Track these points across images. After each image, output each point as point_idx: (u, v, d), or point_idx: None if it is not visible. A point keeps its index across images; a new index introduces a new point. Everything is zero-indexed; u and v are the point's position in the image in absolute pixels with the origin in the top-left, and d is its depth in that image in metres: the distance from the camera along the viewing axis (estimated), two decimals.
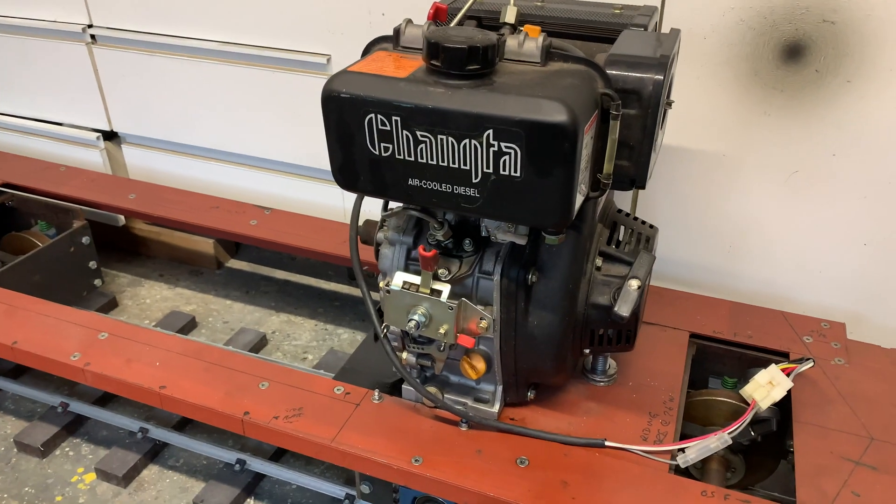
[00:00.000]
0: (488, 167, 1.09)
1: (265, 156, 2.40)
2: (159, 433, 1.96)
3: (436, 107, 1.07)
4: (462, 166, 1.11)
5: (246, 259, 2.82)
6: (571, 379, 1.54)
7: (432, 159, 1.12)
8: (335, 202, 2.39)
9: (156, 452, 1.99)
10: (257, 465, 1.86)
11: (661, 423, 1.47)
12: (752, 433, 1.46)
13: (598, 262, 1.36)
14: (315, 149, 2.31)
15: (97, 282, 2.43)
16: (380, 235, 1.45)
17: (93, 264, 2.39)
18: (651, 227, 1.46)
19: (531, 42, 1.15)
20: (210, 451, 1.93)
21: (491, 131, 1.06)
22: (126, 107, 2.55)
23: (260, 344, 2.35)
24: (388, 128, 1.12)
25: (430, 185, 1.15)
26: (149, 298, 2.61)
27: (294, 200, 2.43)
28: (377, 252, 1.55)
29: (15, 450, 2.01)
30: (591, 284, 1.35)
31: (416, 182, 1.16)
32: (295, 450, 1.49)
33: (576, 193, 1.10)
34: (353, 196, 1.38)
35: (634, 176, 1.24)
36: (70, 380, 1.96)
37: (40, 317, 1.76)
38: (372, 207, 1.60)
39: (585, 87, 1.10)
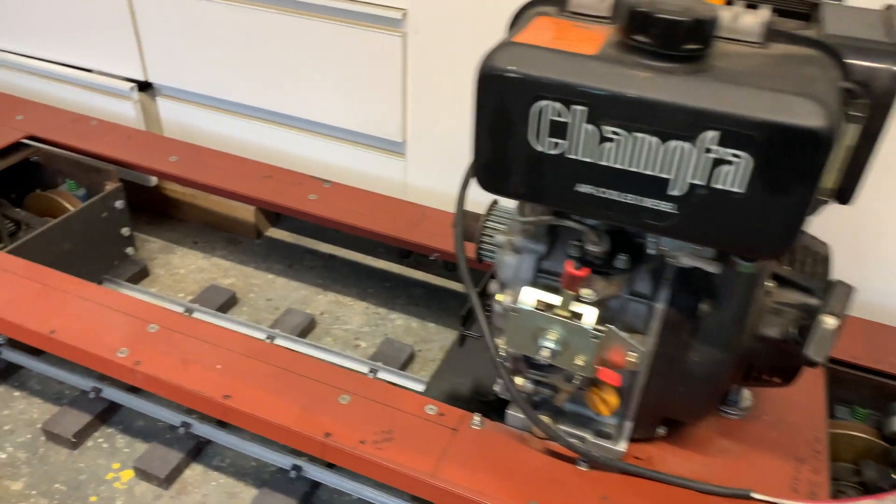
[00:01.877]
0: (699, 177, 0.81)
1: (321, 120, 2.09)
2: (204, 429, 1.70)
3: (640, 96, 0.79)
4: (660, 174, 0.83)
5: (287, 228, 2.53)
6: None
7: (620, 162, 0.84)
8: (396, 175, 2.09)
9: (199, 450, 1.73)
10: (315, 472, 1.61)
11: (810, 471, 1.22)
12: None
13: (769, 285, 1.09)
14: (377, 115, 2.00)
15: (129, 250, 2.14)
16: (499, 238, 1.17)
17: (125, 231, 2.09)
18: (822, 242, 1.19)
19: (749, 17, 0.86)
20: (260, 453, 1.67)
21: (713, 133, 0.78)
22: (164, 55, 2.22)
23: (308, 327, 2.08)
24: (566, 119, 0.84)
25: (607, 193, 0.87)
26: (182, 268, 2.33)
27: (351, 172, 2.14)
28: (481, 253, 1.28)
29: (43, 438, 1.75)
30: (760, 313, 1.08)
31: (588, 189, 0.88)
32: (387, 482, 1.23)
33: (806, 215, 0.83)
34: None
35: (842, 189, 0.97)
36: None
37: (79, 300, 1.48)
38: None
39: (828, 79, 0.82)
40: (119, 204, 2.02)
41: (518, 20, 0.98)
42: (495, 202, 1.33)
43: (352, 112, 2.03)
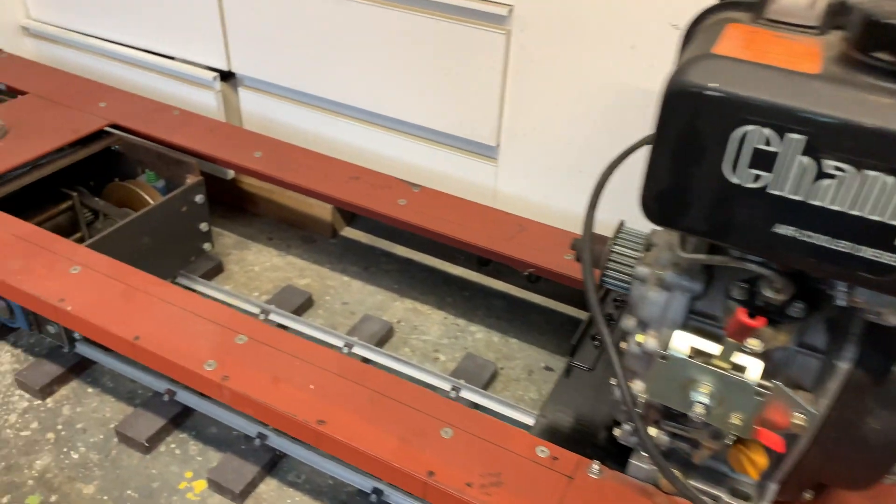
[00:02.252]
0: None
1: (410, 119, 1.97)
2: (280, 442, 1.60)
3: (880, 127, 0.64)
4: (890, 220, 0.68)
5: (362, 228, 2.42)
6: None
7: (839, 203, 0.69)
8: (486, 180, 1.96)
9: (274, 463, 1.63)
10: (398, 498, 1.50)
11: None
12: None
13: None
14: (470, 117, 1.87)
15: (206, 245, 2.05)
16: (642, 270, 1.03)
17: (204, 226, 2.00)
18: None
19: None
20: (339, 472, 1.56)
21: None
22: (249, 45, 2.13)
23: (386, 336, 1.97)
24: (776, 148, 0.69)
25: (814, 238, 0.72)
26: (257, 265, 2.24)
27: (438, 175, 2.01)
28: (606, 281, 1.14)
29: (115, 440, 1.67)
30: None
31: (789, 231, 0.73)
32: None
33: None
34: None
35: None
36: None
37: (164, 305, 1.39)
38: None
39: None
40: (199, 198, 1.93)
41: (698, 28, 0.84)
42: (623, 224, 1.19)
43: (443, 112, 1.90)
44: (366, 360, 1.85)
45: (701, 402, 0.91)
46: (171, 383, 1.68)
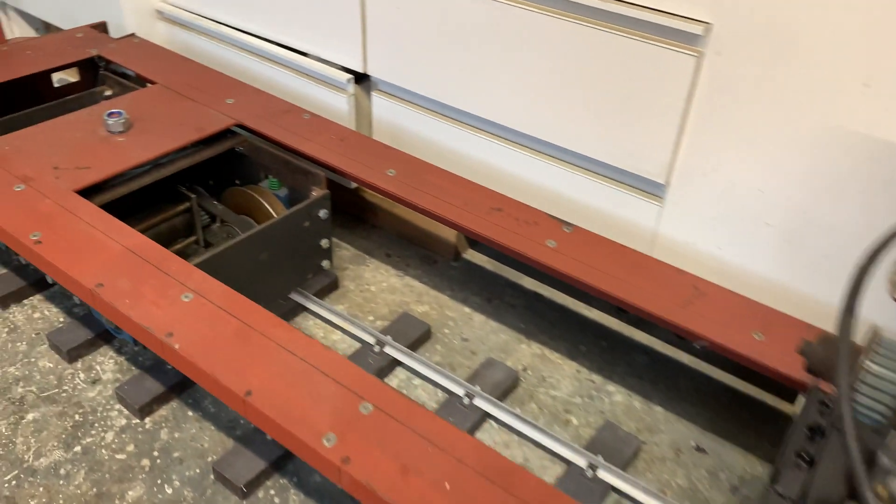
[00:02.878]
0: None
1: (565, 145, 1.70)
2: None
3: None
4: None
5: (487, 253, 2.17)
6: None
7: None
8: (646, 221, 1.67)
9: None
10: None
11: None
12: None
13: None
14: (638, 147, 1.58)
15: (325, 263, 1.86)
16: None
17: (325, 243, 1.81)
18: None
19: None
20: None
21: None
22: (389, 47, 1.91)
23: (511, 386, 1.72)
24: None
25: None
26: (373, 285, 2.03)
27: (589, 210, 1.73)
28: (858, 406, 0.83)
29: (212, 478, 1.50)
30: None
31: None
32: None
33: None
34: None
35: None
36: None
37: (282, 353, 1.18)
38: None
39: None
40: (323, 213, 1.73)
41: None
42: (879, 334, 0.88)
43: (607, 140, 1.62)
44: (487, 415, 1.61)
45: None
46: None
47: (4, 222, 1.38)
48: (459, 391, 1.64)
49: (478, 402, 1.62)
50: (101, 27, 2.29)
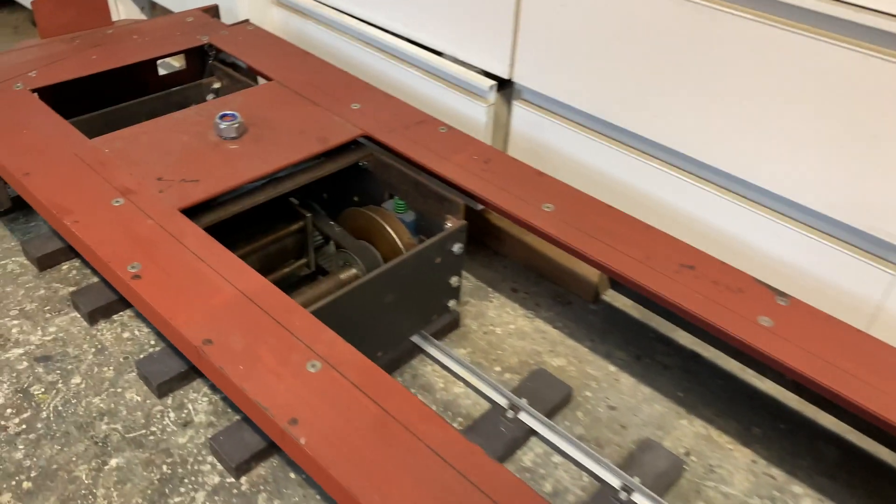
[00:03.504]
0: None
1: (785, 193, 1.35)
2: None
3: None
4: None
5: (632, 296, 1.85)
6: None
7: None
8: (873, 291, 1.32)
9: None
10: None
11: None
12: None
13: None
14: (882, 204, 1.23)
15: (452, 303, 1.58)
16: None
17: (455, 281, 1.52)
18: None
19: None
20: None
21: None
22: (548, 51, 1.60)
23: (674, 477, 1.40)
24: None
25: None
26: (499, 326, 1.74)
27: (805, 277, 1.39)
28: None
29: None
30: None
31: None
32: None
33: None
34: None
35: None
36: None
37: (431, 458, 0.90)
38: None
39: None
40: (458, 248, 1.45)
41: None
42: None
43: (839, 192, 1.27)
44: None
45: None
46: None
47: (100, 247, 1.15)
48: (614, 481, 1.33)
49: (637, 498, 1.31)
50: (213, 11, 2.07)
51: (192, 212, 1.29)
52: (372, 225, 1.54)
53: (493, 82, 1.69)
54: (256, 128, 1.51)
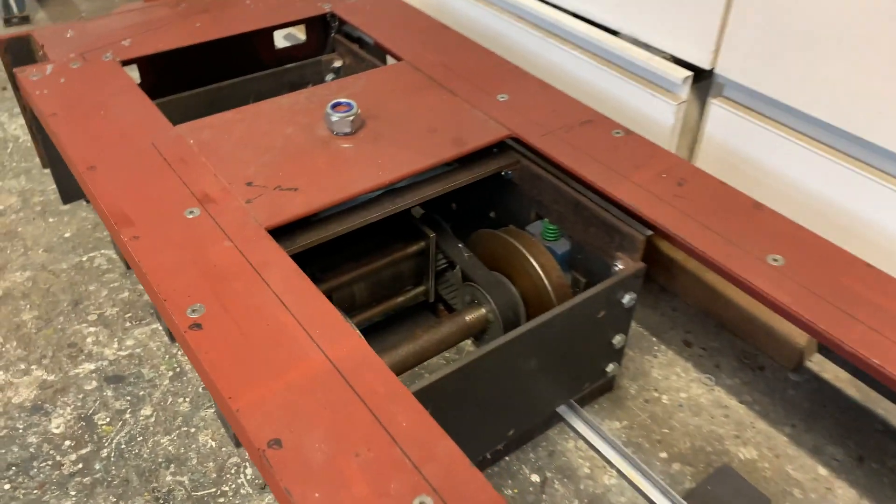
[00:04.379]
0: None
1: None
2: None
3: None
4: None
5: (844, 365, 1.39)
6: None
7: None
8: None
9: None
10: None
11: None
12: None
13: None
14: None
15: (611, 367, 1.19)
16: None
17: (619, 340, 1.14)
18: None
19: None
20: None
21: None
22: (770, 32, 1.16)
23: None
24: None
25: None
26: (666, 393, 1.33)
27: None
28: None
29: None
30: None
31: None
32: None
33: None
34: None
35: None
36: None
37: None
38: None
39: None
40: (628, 299, 1.06)
41: None
42: None
43: None
44: None
45: None
46: None
47: (157, 276, 0.86)
48: None
49: None
50: None
51: (284, 230, 0.99)
52: (511, 254, 1.18)
53: (688, 73, 1.26)
54: (376, 122, 1.18)
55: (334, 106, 1.14)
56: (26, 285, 1.52)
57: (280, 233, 0.99)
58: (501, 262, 1.21)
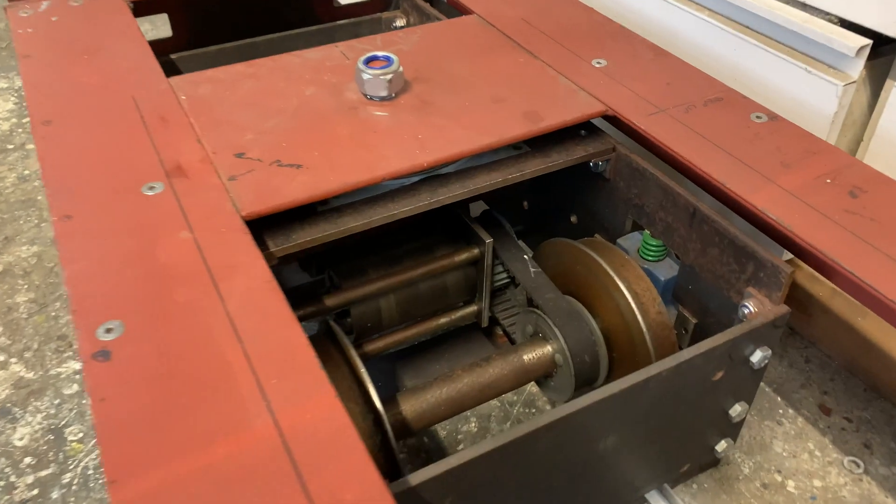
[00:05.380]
0: None
1: None
2: None
3: None
4: None
5: None
6: None
7: None
8: None
9: None
10: None
11: None
12: None
13: None
14: None
15: (722, 445, 0.85)
16: None
17: (738, 410, 0.80)
18: None
19: None
20: None
21: None
22: None
23: None
24: None
25: None
26: (792, 477, 0.97)
27: None
28: None
29: None
30: None
31: None
32: None
33: None
34: None
35: None
36: None
37: None
38: None
39: None
40: (759, 357, 0.72)
41: None
42: None
43: None
44: None
45: None
46: None
47: (76, 275, 0.60)
48: None
49: None
50: None
51: (275, 221, 0.71)
52: (593, 274, 0.86)
53: (864, 41, 0.90)
54: (425, 85, 0.88)
55: (368, 61, 0.85)
56: (30, 262, 1.33)
57: (268, 224, 0.71)
58: (579, 285, 0.89)
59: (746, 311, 0.72)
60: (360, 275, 0.91)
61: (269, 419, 0.49)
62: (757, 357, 0.72)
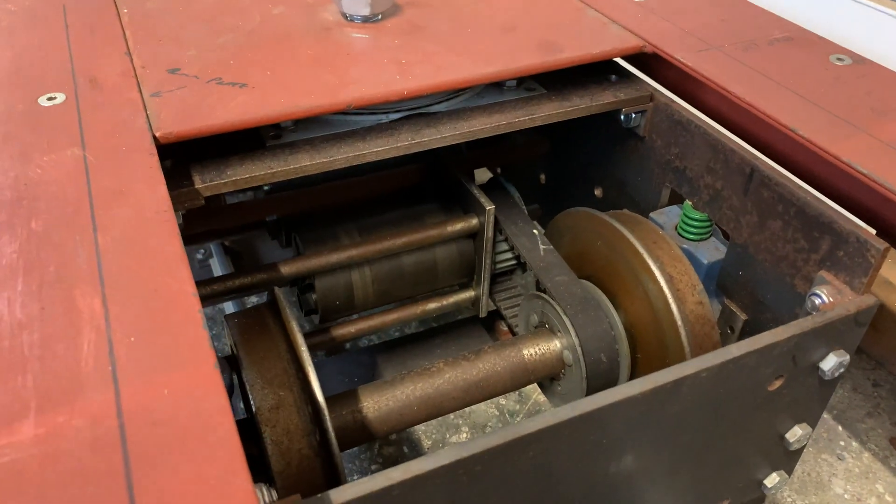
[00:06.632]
0: None
1: None
2: None
3: None
4: None
5: None
6: None
7: None
8: None
9: None
10: None
11: None
12: None
13: None
14: None
15: (773, 479, 0.67)
16: None
17: (798, 435, 0.62)
18: None
19: None
20: None
21: None
22: None
23: None
24: None
25: None
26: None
27: None
28: None
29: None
30: None
31: None
32: None
33: None
34: None
35: None
36: None
37: None
38: None
39: None
40: (835, 364, 0.54)
41: None
42: None
43: None
44: None
45: None
46: None
47: None
48: None
49: None
50: None
51: (202, 149, 0.56)
52: (619, 253, 0.69)
53: None
54: (419, 9, 0.73)
55: None
56: None
57: (199, 156, 0.56)
58: (600, 267, 0.72)
59: (818, 300, 0.55)
60: (330, 241, 0.76)
61: (109, 392, 0.34)
62: (830, 363, 0.54)
